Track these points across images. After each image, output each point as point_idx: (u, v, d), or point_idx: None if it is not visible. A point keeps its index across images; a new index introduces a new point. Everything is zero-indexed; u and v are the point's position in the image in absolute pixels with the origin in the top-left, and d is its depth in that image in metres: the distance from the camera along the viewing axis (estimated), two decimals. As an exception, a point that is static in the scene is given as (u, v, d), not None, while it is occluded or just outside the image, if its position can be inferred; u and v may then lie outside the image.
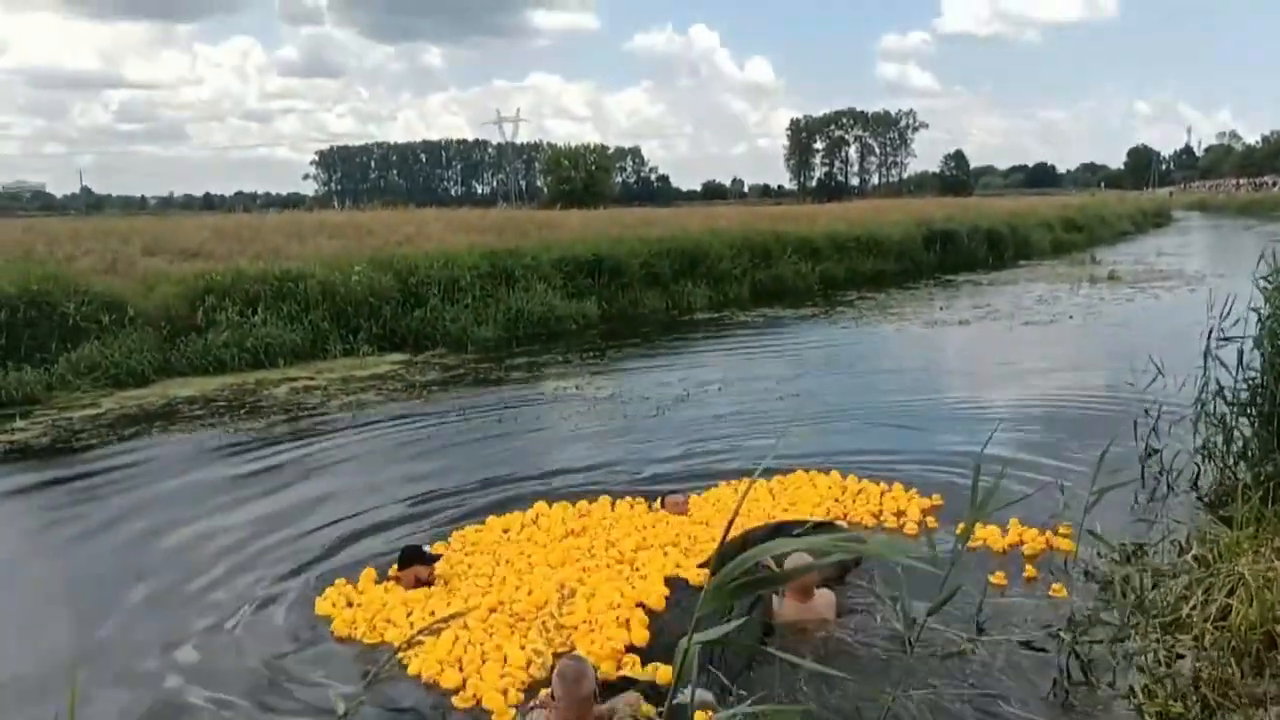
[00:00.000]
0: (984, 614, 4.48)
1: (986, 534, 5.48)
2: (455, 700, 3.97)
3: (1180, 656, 3.81)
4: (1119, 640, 4.04)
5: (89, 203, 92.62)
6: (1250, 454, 5.96)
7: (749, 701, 3.47)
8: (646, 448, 8.07)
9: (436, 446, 8.32)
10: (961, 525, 2.87)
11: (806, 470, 6.75)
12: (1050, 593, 4.76)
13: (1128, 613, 4.25)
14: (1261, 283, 6.16)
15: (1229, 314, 6.23)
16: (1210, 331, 6.25)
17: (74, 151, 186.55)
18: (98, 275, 12.92)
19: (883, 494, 6.35)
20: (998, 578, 4.95)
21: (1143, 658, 3.88)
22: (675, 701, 2.00)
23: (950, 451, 7.37)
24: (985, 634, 4.32)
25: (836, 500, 6.27)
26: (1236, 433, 6.12)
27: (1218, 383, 6.16)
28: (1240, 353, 6.06)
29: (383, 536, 5.99)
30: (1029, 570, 5.08)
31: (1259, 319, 5.98)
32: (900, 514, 6.05)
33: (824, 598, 4.71)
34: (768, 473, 6.68)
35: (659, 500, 6.29)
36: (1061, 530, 5.49)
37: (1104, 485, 4.99)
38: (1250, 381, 5.98)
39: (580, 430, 8.80)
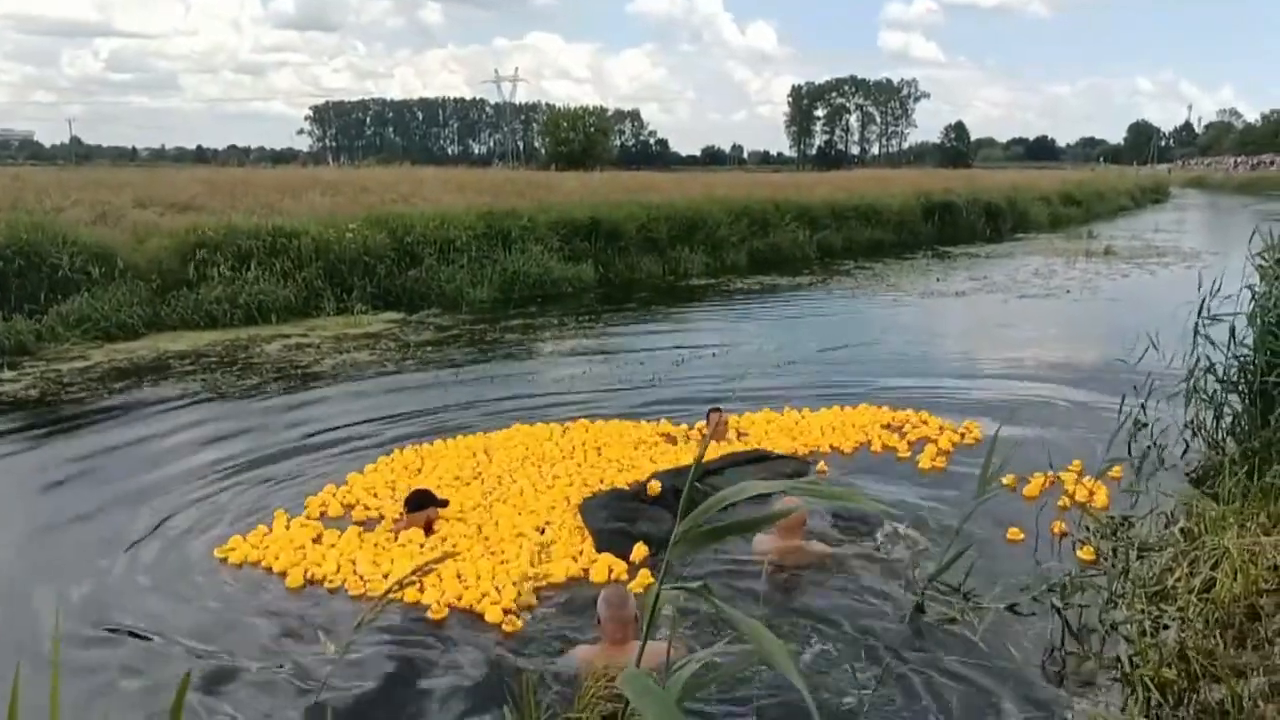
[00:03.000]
0: (978, 576, 4.46)
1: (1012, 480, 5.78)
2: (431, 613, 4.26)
3: (1166, 627, 3.84)
4: (1108, 608, 4.07)
5: (78, 153, 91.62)
6: (1238, 429, 5.99)
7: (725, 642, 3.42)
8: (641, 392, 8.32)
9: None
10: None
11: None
12: (1079, 555, 4.78)
13: (1114, 582, 4.28)
14: (1257, 260, 6.15)
15: (1218, 291, 6.23)
16: (1201, 308, 6.25)
17: (63, 100, 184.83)
18: (87, 226, 12.81)
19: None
20: (1013, 533, 5.07)
21: (1129, 627, 3.91)
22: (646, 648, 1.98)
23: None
24: (979, 598, 4.32)
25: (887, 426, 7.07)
26: (1225, 408, 6.14)
27: (1208, 359, 6.17)
28: (1232, 329, 6.07)
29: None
30: (1058, 526, 5.14)
31: (1252, 296, 5.98)
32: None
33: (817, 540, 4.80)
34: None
35: (706, 415, 6.84)
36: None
37: (1108, 458, 5.08)
38: (1241, 359, 5.99)
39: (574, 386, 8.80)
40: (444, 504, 5.36)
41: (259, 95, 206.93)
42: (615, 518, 5.19)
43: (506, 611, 4.23)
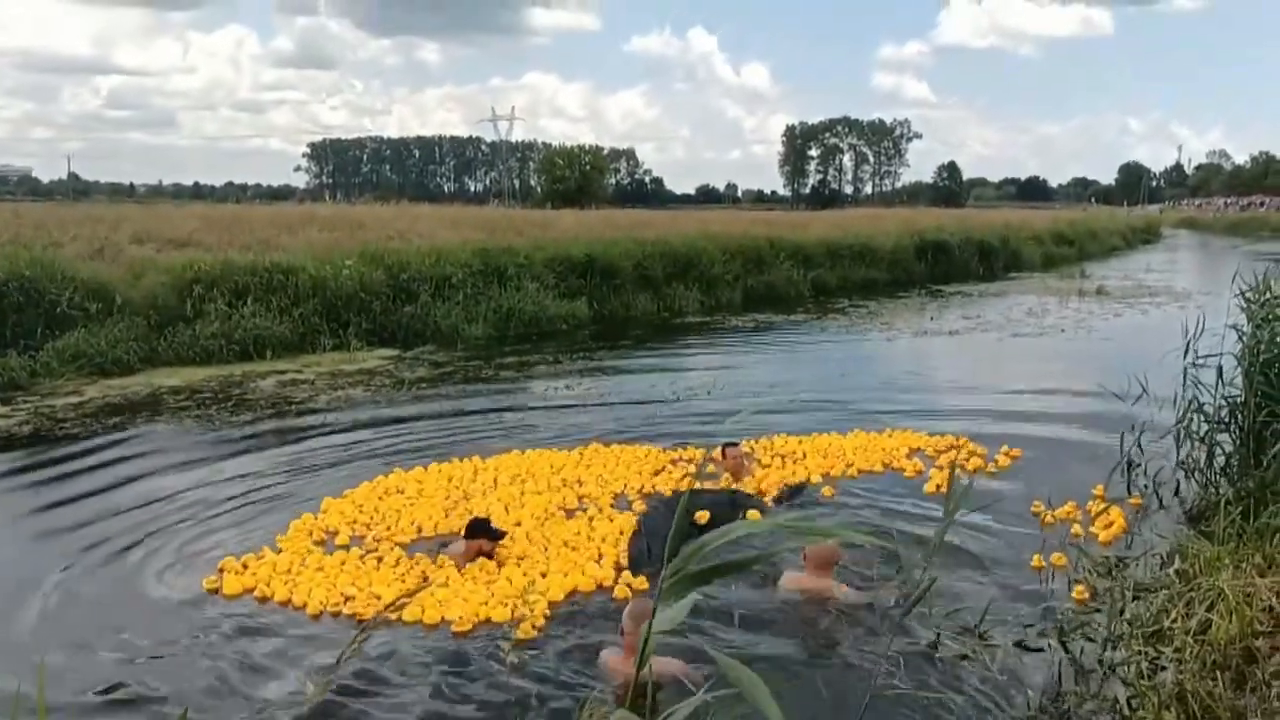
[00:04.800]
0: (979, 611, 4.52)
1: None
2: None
3: (1163, 668, 3.83)
4: (1106, 648, 4.07)
5: (76, 189, 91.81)
6: (1231, 469, 6.01)
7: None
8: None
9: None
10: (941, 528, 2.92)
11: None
12: (1073, 595, 4.81)
13: (1112, 622, 4.27)
14: (1241, 301, 6.20)
15: (1203, 333, 6.29)
16: (1188, 348, 6.30)
17: (62, 137, 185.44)
18: (84, 262, 12.84)
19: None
20: (1036, 560, 5.20)
21: (1126, 669, 3.90)
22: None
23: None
24: (981, 634, 4.34)
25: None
26: (1218, 449, 6.16)
27: (1198, 400, 6.20)
28: (1220, 370, 6.11)
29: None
30: (1052, 559, 5.24)
31: (1238, 337, 6.03)
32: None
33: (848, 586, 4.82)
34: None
35: (719, 449, 6.91)
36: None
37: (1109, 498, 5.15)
38: (1231, 399, 6.02)
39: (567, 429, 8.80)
40: (501, 535, 5.40)
41: (257, 132, 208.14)
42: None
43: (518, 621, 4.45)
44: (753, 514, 5.91)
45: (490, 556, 5.23)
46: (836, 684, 3.94)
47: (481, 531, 5.28)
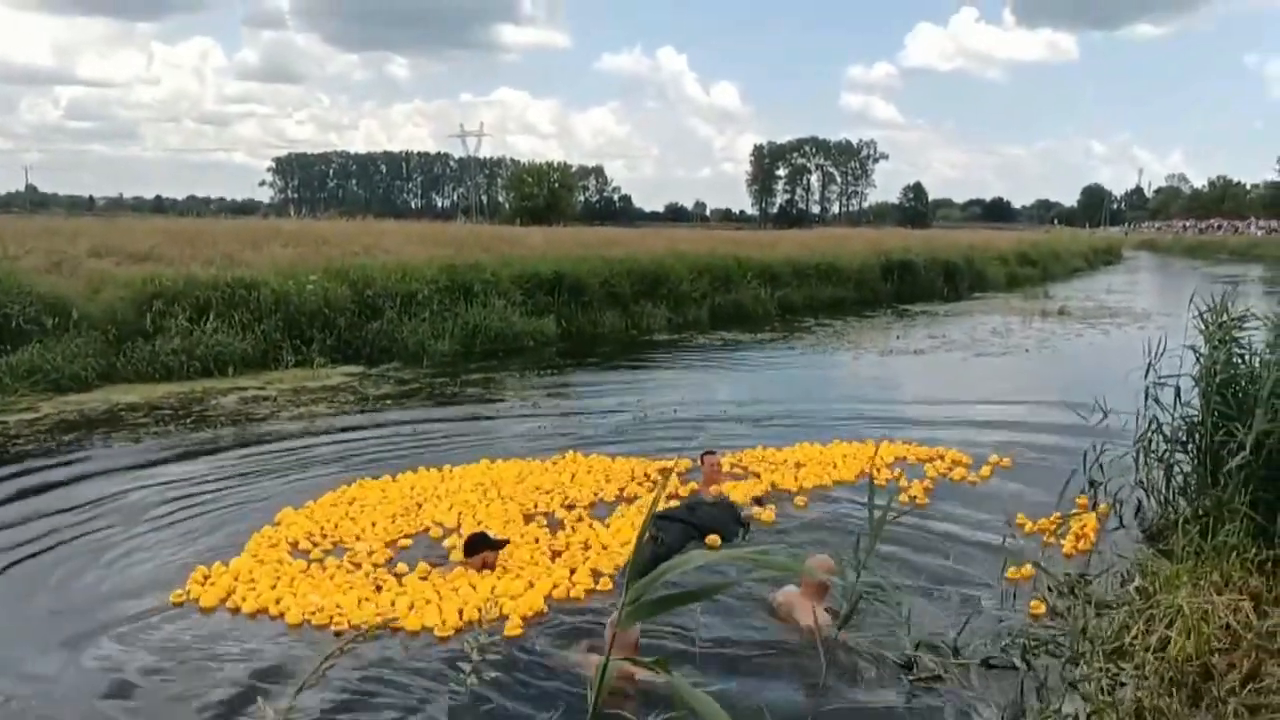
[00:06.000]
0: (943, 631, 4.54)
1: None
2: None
3: (1122, 685, 3.86)
4: (1067, 666, 4.10)
5: (34, 200, 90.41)
6: (1189, 488, 6.08)
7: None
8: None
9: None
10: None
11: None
12: (1030, 610, 4.86)
13: (1073, 640, 4.30)
14: (1197, 324, 6.30)
15: (1163, 354, 6.37)
16: (1149, 368, 6.38)
17: (20, 148, 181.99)
18: (41, 275, 12.61)
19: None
20: (1011, 573, 5.25)
21: (1087, 685, 3.92)
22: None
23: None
24: (956, 650, 4.37)
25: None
26: (1176, 468, 6.23)
27: (1156, 420, 6.28)
28: (1178, 390, 6.19)
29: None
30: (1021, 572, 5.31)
31: (1196, 358, 6.12)
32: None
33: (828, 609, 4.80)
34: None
35: (700, 458, 7.16)
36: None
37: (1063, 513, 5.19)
38: (1188, 419, 6.10)
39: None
40: (502, 544, 5.44)
41: (221, 145, 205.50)
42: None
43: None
44: (712, 539, 5.91)
45: (493, 567, 5.26)
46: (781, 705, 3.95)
47: (482, 544, 5.30)
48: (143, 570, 5.53)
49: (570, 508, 6.53)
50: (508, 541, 5.57)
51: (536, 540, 5.84)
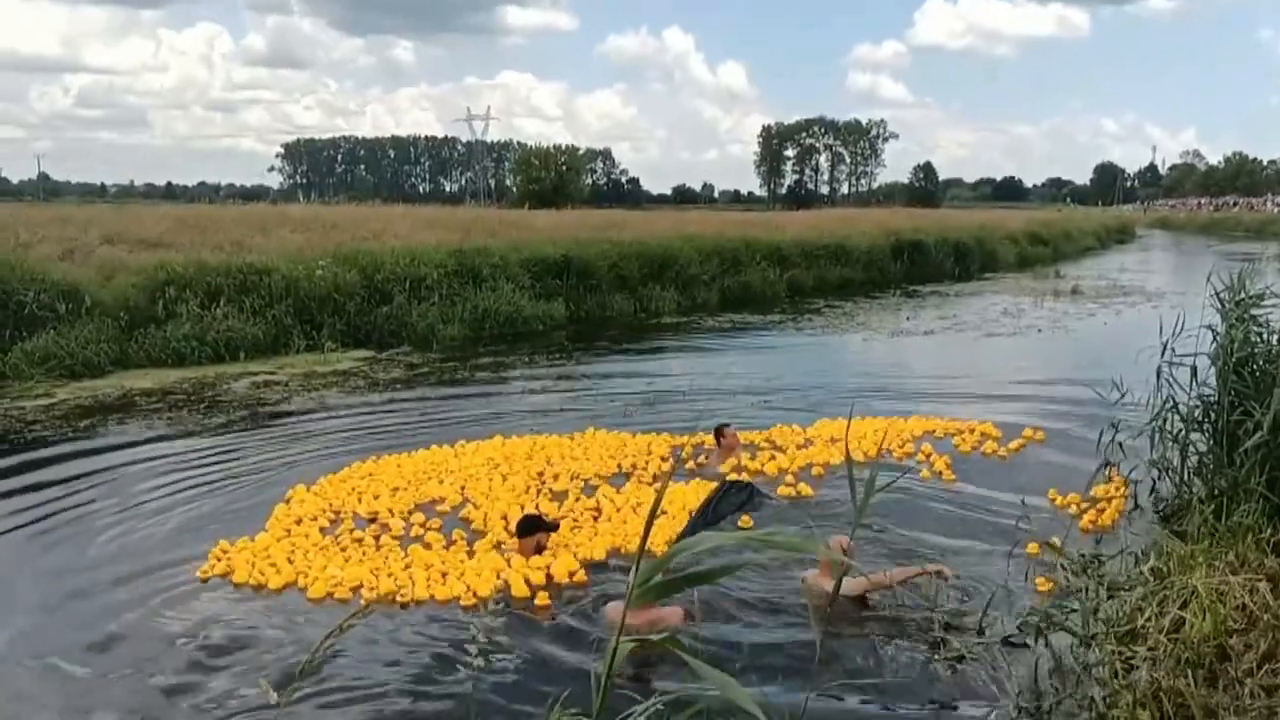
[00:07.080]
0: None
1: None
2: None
3: (1136, 667, 3.84)
4: (1080, 648, 4.10)
5: (46, 189, 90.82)
6: (1204, 468, 6.04)
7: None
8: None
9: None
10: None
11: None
12: (1036, 587, 4.90)
13: (1086, 621, 4.29)
14: (1215, 301, 6.24)
15: (1180, 332, 6.32)
16: (1165, 348, 6.33)
17: (32, 136, 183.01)
18: (54, 263, 12.66)
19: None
20: (1032, 548, 5.28)
21: (1101, 669, 3.92)
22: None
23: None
24: (958, 632, 4.41)
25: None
26: (1191, 448, 6.20)
27: (1172, 399, 6.24)
28: (1194, 369, 6.15)
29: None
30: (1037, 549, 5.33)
31: (1213, 337, 6.07)
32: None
33: (856, 584, 4.82)
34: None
35: (714, 433, 7.31)
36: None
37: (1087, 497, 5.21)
38: (1205, 398, 6.06)
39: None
40: (554, 527, 5.46)
41: (229, 132, 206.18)
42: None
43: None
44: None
45: (542, 550, 5.29)
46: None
47: (537, 527, 5.32)
48: (162, 546, 5.62)
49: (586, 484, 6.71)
50: (559, 524, 5.59)
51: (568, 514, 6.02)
